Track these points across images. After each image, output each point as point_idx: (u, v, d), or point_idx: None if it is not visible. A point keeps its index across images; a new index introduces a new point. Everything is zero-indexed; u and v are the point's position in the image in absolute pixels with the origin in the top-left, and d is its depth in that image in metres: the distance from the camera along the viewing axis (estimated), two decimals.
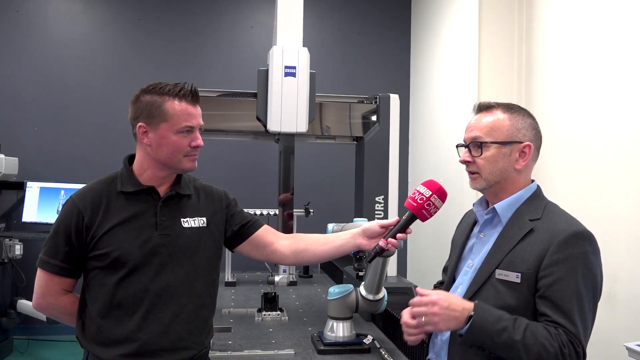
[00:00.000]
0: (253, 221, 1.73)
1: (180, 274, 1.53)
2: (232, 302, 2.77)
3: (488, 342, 1.28)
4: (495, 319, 1.28)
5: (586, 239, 1.33)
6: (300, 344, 2.12)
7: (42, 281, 1.55)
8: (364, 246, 1.64)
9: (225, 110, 2.71)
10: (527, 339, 1.24)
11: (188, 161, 1.56)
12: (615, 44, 2.75)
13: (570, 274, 1.28)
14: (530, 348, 1.24)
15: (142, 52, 4.84)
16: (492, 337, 1.26)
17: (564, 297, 1.27)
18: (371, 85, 4.58)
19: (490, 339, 1.27)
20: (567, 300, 1.27)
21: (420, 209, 1.51)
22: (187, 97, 1.53)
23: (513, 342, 1.24)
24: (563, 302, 1.27)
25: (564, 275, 1.28)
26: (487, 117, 1.45)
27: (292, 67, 2.53)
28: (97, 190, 1.54)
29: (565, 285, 1.28)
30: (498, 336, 1.26)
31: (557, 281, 1.28)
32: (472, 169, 1.46)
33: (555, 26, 3.28)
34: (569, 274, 1.28)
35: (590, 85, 2.92)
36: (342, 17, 5.13)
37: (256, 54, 4.59)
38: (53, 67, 4.73)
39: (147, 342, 1.47)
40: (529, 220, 1.39)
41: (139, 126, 1.52)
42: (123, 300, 1.48)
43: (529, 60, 3.56)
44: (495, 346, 1.27)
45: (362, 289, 2.11)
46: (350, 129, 2.83)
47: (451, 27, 4.26)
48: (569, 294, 1.27)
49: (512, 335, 1.25)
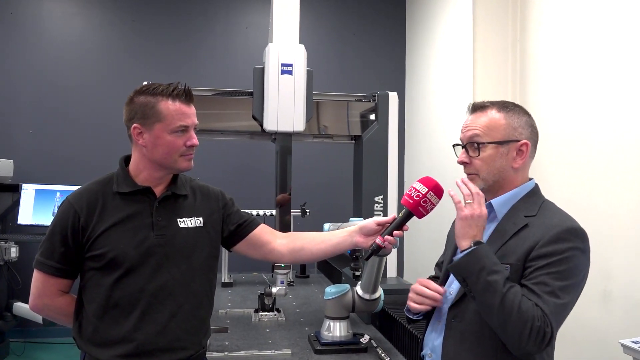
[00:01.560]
0: (250, 220, 1.73)
1: (177, 274, 1.53)
2: (229, 303, 2.77)
3: (475, 275, 1.28)
4: (496, 262, 1.30)
5: (578, 236, 1.33)
6: (297, 344, 2.12)
7: (39, 282, 1.54)
8: (361, 244, 1.64)
9: (221, 110, 2.68)
10: (509, 295, 1.25)
11: (184, 161, 1.55)
12: (609, 43, 2.76)
13: (553, 265, 1.29)
14: (508, 304, 1.24)
15: (137, 53, 4.84)
16: (482, 272, 1.27)
17: (540, 283, 1.28)
18: (367, 85, 4.58)
19: (480, 273, 1.27)
20: (543, 286, 1.27)
21: (416, 206, 1.51)
22: (180, 97, 1.53)
23: (495, 289, 1.25)
24: (538, 287, 1.28)
25: (546, 265, 1.29)
26: (482, 117, 1.45)
27: (289, 64, 2.50)
28: (93, 190, 1.54)
29: (545, 274, 1.28)
30: (489, 274, 1.27)
31: (538, 269, 1.29)
32: (469, 170, 1.46)
33: (549, 25, 3.29)
34: (551, 264, 1.29)
35: (584, 84, 2.94)
36: (337, 17, 5.13)
37: (251, 55, 4.59)
38: (48, 69, 4.71)
39: (143, 342, 1.47)
40: (524, 217, 1.39)
41: (134, 127, 1.52)
42: (119, 300, 1.48)
43: (523, 59, 3.57)
44: (480, 282, 1.27)
45: (358, 289, 2.11)
46: (348, 128, 2.80)
47: (446, 27, 4.27)
48: (546, 281, 1.28)
49: (499, 281, 1.26)
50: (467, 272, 1.31)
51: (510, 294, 1.25)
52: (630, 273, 2.57)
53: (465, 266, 1.31)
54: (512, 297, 1.25)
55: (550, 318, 1.25)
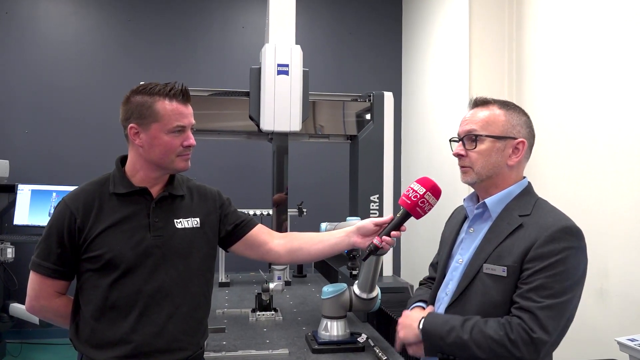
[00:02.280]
0: (247, 220, 1.73)
1: (174, 275, 1.52)
2: (226, 303, 2.77)
3: (442, 344, 1.33)
4: (443, 322, 1.34)
5: (573, 235, 1.33)
6: (294, 344, 2.12)
7: (35, 284, 1.54)
8: (359, 244, 1.64)
9: (218, 110, 2.68)
10: (474, 336, 1.29)
11: (181, 161, 1.55)
12: (605, 42, 2.77)
13: (549, 268, 1.29)
14: (481, 344, 1.28)
15: (134, 53, 4.82)
16: (443, 339, 1.32)
17: (537, 287, 1.28)
18: (363, 84, 4.59)
19: (443, 341, 1.32)
20: (540, 290, 1.28)
21: (414, 206, 1.51)
22: (177, 97, 1.52)
23: (462, 341, 1.29)
24: (534, 291, 1.28)
25: (543, 268, 1.29)
26: (483, 112, 1.45)
27: (285, 65, 2.51)
28: (90, 191, 1.54)
29: (542, 277, 1.29)
30: (447, 337, 1.31)
31: (535, 272, 1.30)
32: (464, 162, 1.46)
33: (545, 24, 3.30)
34: (548, 267, 1.29)
35: (580, 83, 2.94)
36: (334, 16, 5.13)
37: (248, 55, 4.58)
38: (44, 69, 4.69)
39: (141, 343, 1.47)
40: (518, 216, 1.39)
41: (130, 127, 1.52)
42: (117, 302, 1.47)
43: (519, 58, 3.58)
44: (450, 348, 1.32)
45: (355, 288, 2.11)
46: (344, 128, 2.81)
47: (442, 26, 4.28)
48: (542, 284, 1.28)
49: (460, 334, 1.30)
50: (436, 348, 1.35)
51: (476, 336, 1.29)
52: (627, 271, 2.58)
53: (431, 345, 1.36)
54: (479, 336, 1.28)
55: (543, 320, 1.25)
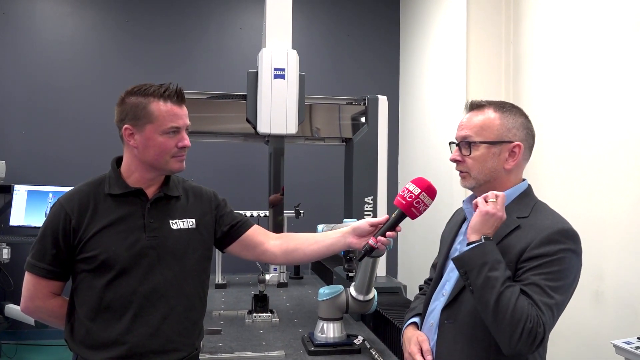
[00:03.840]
0: (243, 221, 1.73)
1: (169, 276, 1.52)
2: (223, 304, 2.76)
3: (477, 269, 1.28)
4: (500, 260, 1.29)
5: (570, 237, 1.33)
6: (290, 345, 2.12)
7: (30, 284, 1.54)
8: (354, 245, 1.64)
9: (215, 113, 2.70)
10: (506, 292, 1.25)
11: (175, 162, 1.55)
12: (602, 43, 2.78)
13: (544, 266, 1.29)
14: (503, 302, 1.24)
15: (131, 54, 4.82)
16: (486, 265, 1.27)
17: (531, 284, 1.28)
18: (361, 87, 4.59)
19: (482, 266, 1.27)
20: (534, 287, 1.28)
21: (409, 206, 1.51)
22: (172, 98, 1.52)
23: (493, 285, 1.25)
24: (530, 288, 1.28)
25: (537, 266, 1.29)
26: (478, 116, 1.45)
27: (282, 69, 2.54)
28: (85, 192, 1.54)
29: (537, 275, 1.29)
30: (490, 270, 1.26)
31: (530, 270, 1.30)
32: (461, 168, 1.46)
33: (542, 26, 3.31)
34: (543, 265, 1.29)
35: (578, 85, 2.95)
36: (331, 19, 5.14)
37: (245, 56, 4.58)
38: (40, 70, 4.69)
39: (136, 344, 1.47)
40: (516, 218, 1.39)
41: (125, 128, 1.52)
42: (111, 302, 1.47)
43: (517, 61, 3.59)
44: (479, 277, 1.27)
45: (352, 290, 2.12)
46: (339, 131, 2.84)
47: (439, 28, 4.29)
48: (537, 282, 1.28)
49: (499, 279, 1.26)
50: (470, 265, 1.30)
51: (507, 292, 1.25)
52: (623, 274, 2.58)
53: (469, 260, 1.30)
54: (508, 296, 1.25)
55: (542, 319, 1.25)
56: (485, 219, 1.32)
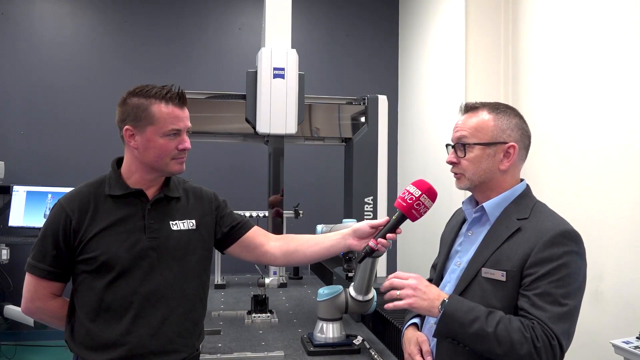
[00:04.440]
0: (243, 223, 1.73)
1: (170, 277, 1.52)
2: (222, 305, 2.76)
3: (460, 332, 1.28)
4: (469, 309, 1.29)
5: (572, 239, 1.33)
6: (290, 346, 2.12)
7: (31, 285, 1.54)
8: (354, 247, 1.64)
9: (214, 113, 2.70)
10: (499, 331, 1.25)
11: (176, 164, 1.55)
12: (601, 45, 2.78)
13: (552, 273, 1.29)
14: (503, 340, 1.25)
15: (130, 54, 4.82)
16: (465, 327, 1.27)
17: (542, 294, 1.28)
18: (360, 87, 4.59)
19: (463, 329, 1.28)
20: (546, 296, 1.27)
21: (409, 208, 1.52)
22: (174, 100, 1.52)
23: (485, 334, 1.26)
24: (541, 298, 1.27)
25: (546, 273, 1.29)
26: (472, 118, 1.46)
27: (281, 68, 2.53)
28: (85, 193, 1.54)
29: (546, 283, 1.28)
30: (470, 326, 1.27)
31: (539, 279, 1.29)
32: (456, 169, 1.47)
33: (541, 27, 3.31)
34: (551, 272, 1.29)
35: (576, 86, 2.96)
36: (330, 19, 5.14)
37: (244, 56, 4.59)
38: (39, 70, 4.68)
39: (136, 345, 1.47)
40: (516, 220, 1.39)
41: (126, 129, 1.52)
42: (112, 303, 1.47)
43: (516, 61, 3.60)
44: (468, 337, 1.28)
45: (351, 290, 2.12)
46: (339, 130, 2.83)
47: (438, 28, 4.29)
48: (548, 291, 1.27)
49: (483, 326, 1.26)
50: (451, 333, 1.31)
51: (501, 331, 1.25)
52: (622, 273, 2.59)
53: (446, 330, 1.32)
54: (503, 333, 1.25)
55: (554, 329, 1.25)
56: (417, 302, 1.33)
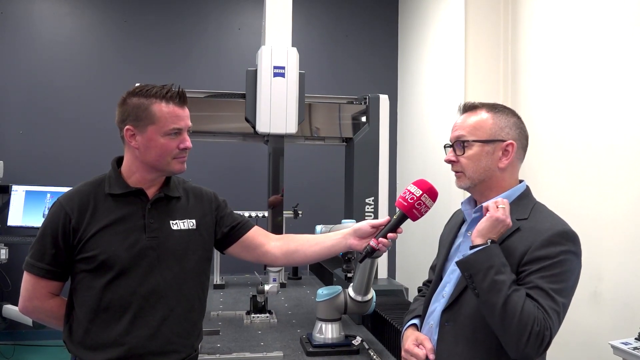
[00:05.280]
0: (243, 223, 1.72)
1: (169, 277, 1.52)
2: (221, 305, 2.76)
3: (483, 272, 1.28)
4: (505, 263, 1.29)
5: (569, 239, 1.34)
6: (289, 346, 2.12)
7: (29, 284, 1.53)
8: (355, 246, 1.64)
9: (214, 112, 2.68)
10: (514, 295, 1.25)
11: (177, 163, 1.55)
12: (600, 45, 2.78)
13: (547, 269, 1.29)
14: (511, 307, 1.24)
15: (129, 54, 4.81)
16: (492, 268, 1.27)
17: (535, 287, 1.28)
18: (359, 87, 4.58)
19: (488, 270, 1.27)
20: (538, 290, 1.28)
21: (410, 208, 1.52)
22: (174, 99, 1.52)
23: (502, 285, 1.25)
24: (534, 292, 1.28)
25: (540, 269, 1.30)
26: (471, 117, 1.47)
27: (281, 67, 2.51)
28: (85, 192, 1.53)
29: (539, 278, 1.29)
30: (496, 273, 1.26)
31: (532, 273, 1.30)
32: (456, 168, 1.48)
33: (540, 27, 3.31)
34: (545, 268, 1.29)
35: (575, 86, 2.96)
36: (330, 19, 5.14)
37: (244, 57, 4.57)
38: (38, 69, 4.67)
39: (135, 345, 1.46)
40: (516, 220, 1.39)
41: (127, 129, 1.51)
42: (110, 303, 1.47)
43: (515, 61, 3.60)
44: (485, 280, 1.27)
45: (350, 291, 2.11)
46: (339, 130, 2.81)
47: (438, 29, 4.29)
48: (541, 285, 1.28)
49: (506, 282, 1.26)
50: (475, 268, 1.30)
51: (515, 296, 1.25)
52: (621, 274, 2.59)
53: (475, 263, 1.30)
54: (515, 300, 1.25)
55: (549, 322, 1.26)
56: (494, 224, 1.33)
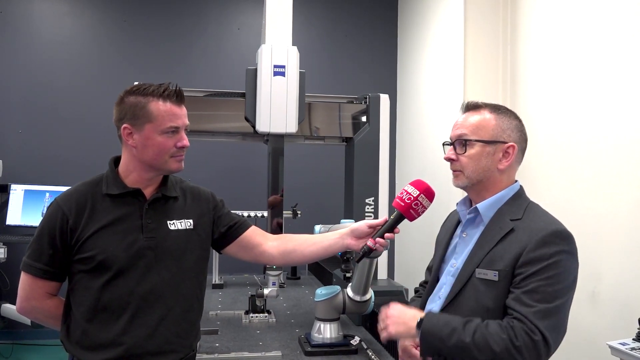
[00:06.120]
0: (240, 222, 1.72)
1: (167, 277, 1.52)
2: (220, 305, 2.76)
3: (442, 346, 1.31)
4: (445, 323, 1.32)
5: (564, 238, 1.34)
6: (287, 346, 2.12)
7: (26, 284, 1.53)
8: (353, 246, 1.64)
9: (213, 111, 2.67)
10: (477, 338, 1.27)
11: (174, 162, 1.54)
12: (599, 46, 2.78)
13: (542, 271, 1.29)
14: (482, 346, 1.26)
15: (128, 53, 4.81)
16: (444, 341, 1.29)
17: (530, 290, 1.28)
18: (359, 86, 4.58)
19: (443, 343, 1.30)
20: (534, 293, 1.28)
21: (407, 208, 1.52)
22: (171, 98, 1.52)
23: (464, 344, 1.27)
24: (529, 295, 1.28)
25: (536, 271, 1.29)
26: (474, 116, 1.46)
27: (282, 66, 2.49)
28: (82, 192, 1.53)
29: (536, 281, 1.29)
30: (448, 339, 1.29)
31: (529, 276, 1.30)
32: (455, 166, 1.48)
33: (539, 27, 3.31)
34: (541, 270, 1.29)
35: (574, 87, 2.96)
36: (329, 19, 5.13)
37: (243, 56, 4.57)
38: (37, 69, 4.67)
39: (133, 345, 1.46)
40: (509, 220, 1.40)
41: (124, 128, 1.51)
42: (108, 303, 1.47)
43: (514, 61, 3.60)
44: (450, 350, 1.30)
45: (349, 290, 2.11)
46: (339, 130, 2.80)
47: (437, 29, 4.29)
48: (536, 288, 1.28)
49: (461, 336, 1.28)
50: (434, 349, 1.33)
51: (479, 339, 1.27)
52: (619, 274, 2.58)
53: (429, 347, 1.34)
54: (481, 340, 1.27)
55: (539, 324, 1.25)
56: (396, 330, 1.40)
